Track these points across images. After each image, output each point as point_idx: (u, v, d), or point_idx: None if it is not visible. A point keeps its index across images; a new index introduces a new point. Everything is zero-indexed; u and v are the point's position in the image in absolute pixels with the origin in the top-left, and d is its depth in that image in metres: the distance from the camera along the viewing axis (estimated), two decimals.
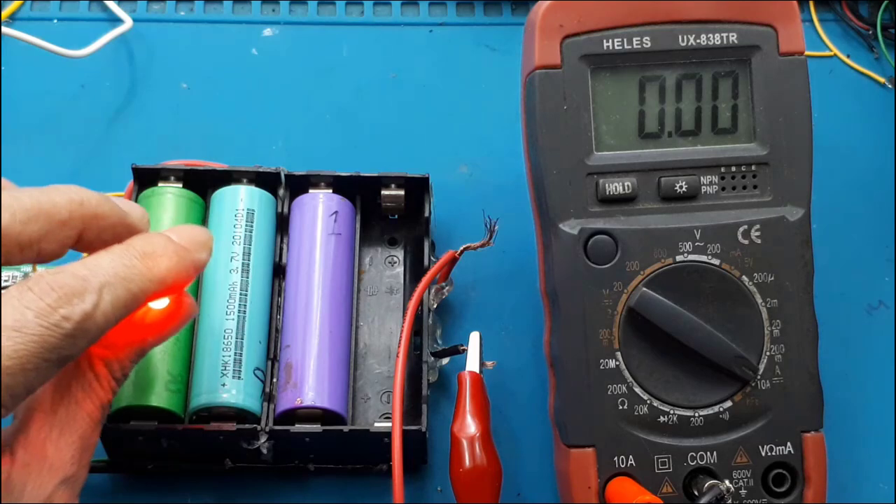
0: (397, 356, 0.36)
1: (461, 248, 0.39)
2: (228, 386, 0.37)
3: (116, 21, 0.48)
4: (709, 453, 0.35)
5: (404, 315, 0.37)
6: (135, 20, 0.48)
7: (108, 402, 0.31)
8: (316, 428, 0.37)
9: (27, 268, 0.40)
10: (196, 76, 0.48)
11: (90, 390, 0.30)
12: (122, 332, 0.31)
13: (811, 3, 0.50)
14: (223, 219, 0.39)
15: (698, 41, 0.36)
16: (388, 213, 0.43)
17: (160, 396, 0.36)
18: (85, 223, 0.30)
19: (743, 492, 0.35)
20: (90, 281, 0.28)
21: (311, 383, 0.37)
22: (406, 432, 0.35)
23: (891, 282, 0.44)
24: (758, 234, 0.36)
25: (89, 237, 0.30)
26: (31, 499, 0.28)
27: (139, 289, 0.29)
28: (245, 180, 0.41)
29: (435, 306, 0.41)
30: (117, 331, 0.30)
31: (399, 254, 0.43)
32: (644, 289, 0.35)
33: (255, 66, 0.48)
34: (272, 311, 0.39)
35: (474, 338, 0.38)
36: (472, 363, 0.37)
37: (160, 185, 0.40)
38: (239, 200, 0.40)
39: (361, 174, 0.41)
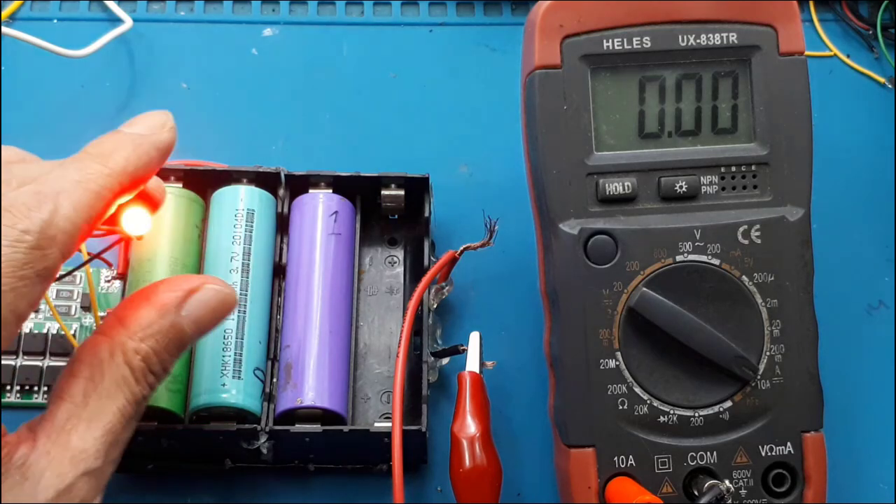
0: (397, 356, 0.36)
1: (461, 248, 0.39)
2: (228, 386, 0.37)
3: (116, 21, 0.48)
4: (709, 453, 0.35)
5: (404, 315, 0.37)
6: (135, 20, 0.48)
7: (143, 397, 0.30)
8: (316, 428, 0.37)
9: None
10: (196, 76, 0.48)
11: (123, 384, 0.29)
12: (154, 319, 0.30)
13: (811, 3, 0.50)
14: (223, 219, 0.39)
15: (698, 41, 0.36)
16: (388, 213, 0.43)
17: (160, 396, 0.36)
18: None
19: (743, 492, 0.35)
20: (43, 192, 0.28)
21: (311, 383, 0.37)
22: (406, 432, 0.35)
23: (891, 282, 0.44)
24: (758, 234, 0.36)
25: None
26: (48, 486, 0.27)
27: (99, 186, 0.29)
28: (245, 180, 0.41)
29: (435, 306, 0.41)
30: (150, 318, 0.30)
31: (399, 254, 0.43)
32: (644, 289, 0.35)
33: (255, 66, 0.48)
34: (272, 311, 0.39)
35: (474, 338, 0.38)
36: (472, 363, 0.37)
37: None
38: (239, 200, 0.40)
39: (361, 174, 0.41)
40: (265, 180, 0.41)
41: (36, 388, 0.40)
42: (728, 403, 0.35)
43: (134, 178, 0.30)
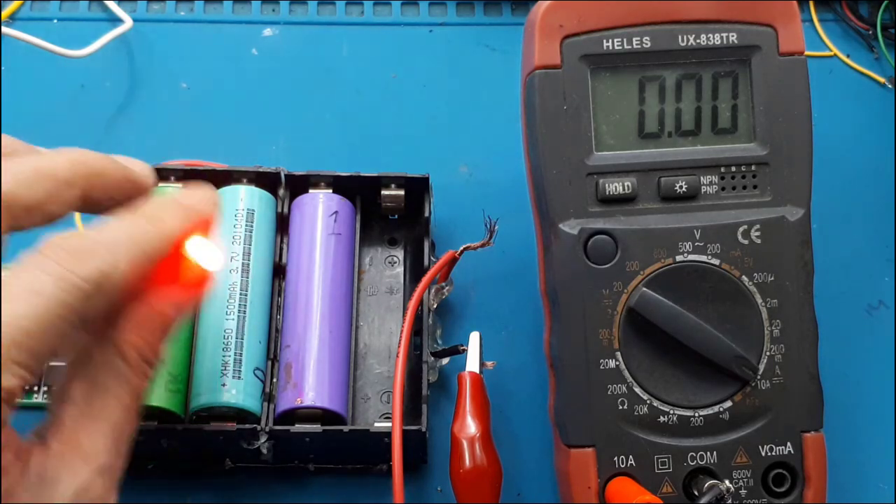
0: (397, 356, 0.36)
1: (461, 248, 0.39)
2: (228, 386, 0.37)
3: (116, 21, 0.48)
4: (709, 453, 0.35)
5: (404, 315, 0.37)
6: (135, 20, 0.48)
7: (141, 388, 0.31)
8: (316, 428, 0.37)
9: None
10: (196, 76, 0.48)
11: (120, 378, 0.30)
12: (136, 309, 0.31)
13: (811, 3, 0.50)
14: (223, 219, 0.39)
15: (698, 41, 0.36)
16: (388, 213, 0.43)
17: (160, 396, 0.36)
18: (89, 181, 0.30)
19: (743, 492, 0.35)
20: (101, 241, 0.29)
21: (311, 383, 0.37)
22: (406, 432, 0.35)
23: (891, 282, 0.44)
24: (758, 234, 0.36)
25: (96, 196, 0.31)
26: (66, 489, 0.28)
27: (150, 247, 0.30)
28: (245, 180, 0.41)
29: (435, 306, 0.41)
30: (136, 303, 0.30)
31: (399, 254, 0.43)
32: (644, 289, 0.35)
33: (255, 66, 0.48)
34: (272, 311, 0.39)
35: (474, 338, 0.38)
36: (472, 363, 0.37)
37: (160, 185, 0.40)
38: (239, 200, 0.40)
39: (361, 174, 0.41)
40: (265, 180, 0.41)
41: (36, 388, 0.40)
42: (728, 403, 0.35)
43: (179, 243, 0.31)
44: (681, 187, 0.36)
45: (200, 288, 0.33)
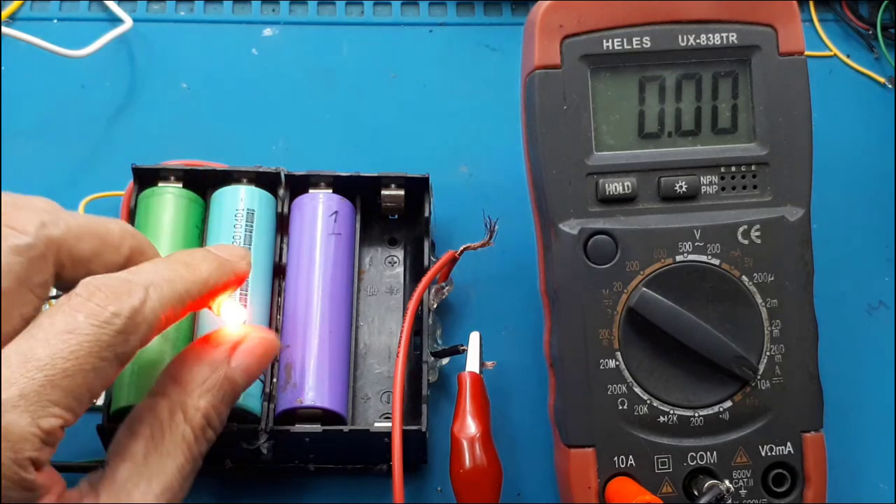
0: (397, 356, 0.36)
1: (461, 248, 0.39)
2: None
3: (116, 21, 0.48)
4: (709, 453, 0.35)
5: (404, 315, 0.37)
6: (135, 20, 0.48)
7: (200, 454, 0.31)
8: (316, 428, 0.37)
9: None
10: (196, 76, 0.48)
11: (183, 443, 0.30)
12: (208, 375, 0.32)
13: (811, 3, 0.50)
14: (223, 219, 0.39)
15: (698, 41, 0.36)
16: (388, 213, 0.43)
17: None
18: (133, 253, 0.31)
19: (743, 492, 0.35)
20: (135, 281, 0.29)
21: (311, 383, 0.37)
22: (406, 432, 0.35)
23: (891, 282, 0.44)
24: (758, 234, 0.36)
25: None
26: None
27: (183, 288, 0.30)
28: (245, 180, 0.41)
29: (435, 306, 0.41)
30: (204, 375, 0.31)
31: (399, 254, 0.43)
32: (644, 289, 0.35)
33: (255, 66, 0.48)
34: (272, 311, 0.39)
35: (474, 338, 0.38)
36: (472, 363, 0.37)
37: (160, 185, 0.40)
38: (239, 200, 0.40)
39: (361, 174, 0.41)
40: (265, 180, 0.41)
41: None
42: (728, 403, 0.35)
43: (211, 292, 0.32)
44: (681, 187, 0.36)
45: (270, 355, 0.34)
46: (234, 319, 0.34)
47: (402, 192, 0.42)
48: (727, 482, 0.35)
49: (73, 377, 0.27)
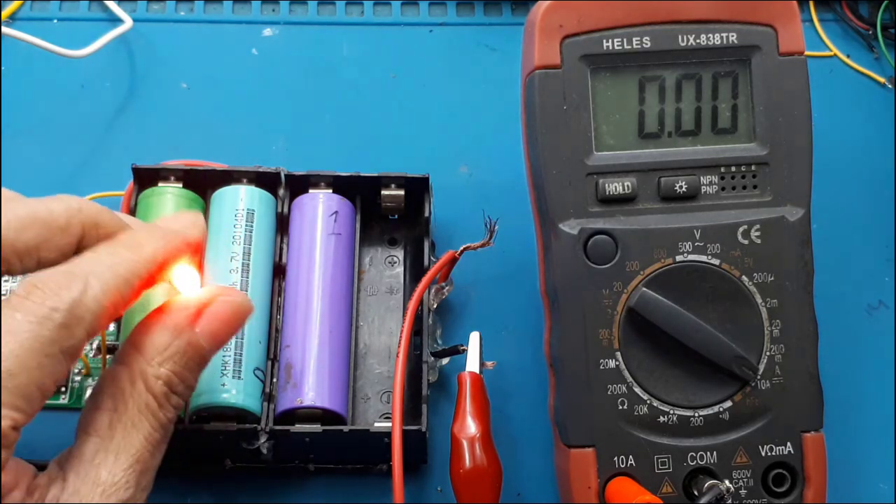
0: (397, 356, 0.36)
1: (461, 248, 0.39)
2: (228, 386, 0.37)
3: (116, 21, 0.48)
4: (709, 453, 0.35)
5: (404, 315, 0.37)
6: (135, 20, 0.48)
7: (168, 420, 0.30)
8: (316, 428, 0.37)
9: None
10: (196, 76, 0.48)
11: (147, 412, 0.30)
12: (170, 341, 0.31)
13: (811, 3, 0.50)
14: (223, 219, 0.39)
15: (698, 41, 0.36)
16: (388, 213, 0.43)
17: None
18: (84, 230, 0.30)
19: (743, 492, 0.35)
20: (74, 273, 0.28)
21: (311, 383, 0.37)
22: (406, 432, 0.35)
23: (891, 282, 0.44)
24: (758, 234, 0.36)
25: (90, 245, 0.30)
26: None
27: (128, 271, 0.29)
28: (245, 180, 0.41)
29: (435, 306, 0.41)
30: (165, 340, 0.30)
31: (399, 254, 0.43)
32: (644, 289, 0.35)
33: (255, 66, 0.48)
34: (272, 311, 0.39)
35: (474, 338, 0.38)
36: (472, 363, 0.37)
37: (160, 185, 0.40)
38: (239, 200, 0.40)
39: (361, 174, 0.41)
40: (265, 180, 0.41)
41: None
42: (728, 403, 0.35)
43: (160, 267, 0.31)
44: (681, 187, 0.36)
45: (241, 318, 0.32)
46: (188, 285, 0.32)
47: (402, 192, 0.42)
48: (727, 482, 0.35)
49: (18, 377, 0.26)
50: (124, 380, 0.30)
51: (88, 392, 0.40)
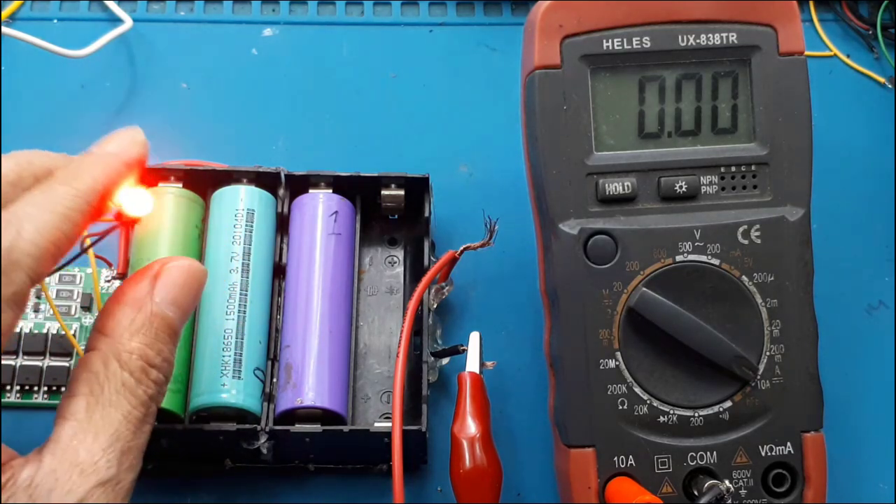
0: (397, 356, 0.36)
1: (461, 248, 0.39)
2: (228, 386, 0.37)
3: (116, 21, 0.48)
4: (709, 453, 0.35)
5: (404, 315, 0.37)
6: (135, 20, 0.48)
7: (149, 397, 0.30)
8: (316, 428, 0.37)
9: None
10: (196, 76, 0.48)
11: (124, 389, 0.29)
12: (133, 315, 0.30)
13: (811, 3, 0.50)
14: (223, 219, 0.39)
15: (698, 41, 0.36)
16: (388, 213, 0.43)
17: None
18: (39, 180, 0.30)
19: (743, 492, 0.35)
20: (7, 219, 0.28)
21: (311, 383, 0.37)
22: (406, 432, 0.35)
23: (891, 282, 0.44)
24: (758, 234, 0.36)
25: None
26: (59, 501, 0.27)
27: (65, 207, 0.29)
28: (245, 180, 0.41)
29: (435, 306, 0.41)
30: (129, 316, 0.30)
31: (399, 254, 0.43)
32: (644, 289, 0.35)
33: (255, 66, 0.48)
34: (272, 311, 0.39)
35: (474, 338, 0.38)
36: (472, 363, 0.37)
37: (160, 184, 0.40)
38: (239, 200, 0.40)
39: (361, 174, 0.41)
40: (265, 180, 0.41)
41: (36, 388, 0.40)
42: (728, 403, 0.35)
43: (104, 194, 0.30)
44: (681, 187, 0.36)
45: (196, 280, 0.32)
46: (138, 207, 0.32)
47: (402, 192, 0.42)
48: (727, 482, 0.35)
49: None
50: (97, 363, 0.29)
51: None
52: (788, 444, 0.35)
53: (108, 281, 0.42)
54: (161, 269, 0.31)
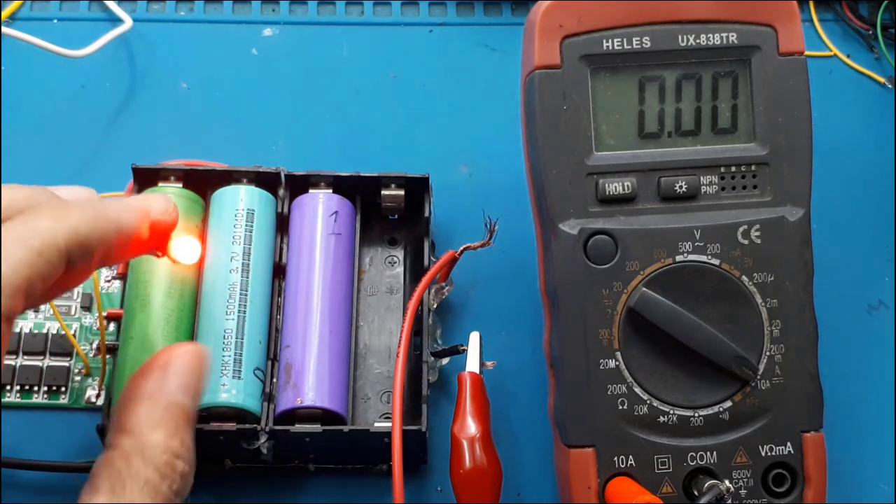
0: (397, 356, 0.36)
1: (461, 248, 0.39)
2: (228, 386, 0.37)
3: (116, 21, 0.48)
4: (709, 453, 0.35)
5: (404, 315, 0.37)
6: (135, 20, 0.47)
7: (174, 492, 0.29)
8: (316, 428, 0.37)
9: None
10: (196, 76, 0.48)
11: (147, 487, 0.28)
12: (150, 410, 0.30)
13: (811, 3, 0.50)
14: (223, 219, 0.39)
15: (698, 41, 0.36)
16: (388, 213, 0.43)
17: None
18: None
19: (743, 492, 0.35)
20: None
21: (311, 383, 0.37)
22: (406, 432, 0.35)
23: (891, 282, 0.44)
24: (758, 234, 0.36)
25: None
26: None
27: (42, 243, 0.27)
28: (245, 180, 0.41)
29: (435, 306, 0.41)
30: (146, 411, 0.29)
31: (399, 254, 0.43)
32: (644, 289, 0.35)
33: (255, 66, 0.48)
34: (272, 311, 0.39)
35: (474, 338, 0.38)
36: (472, 363, 0.37)
37: (160, 185, 0.40)
38: (239, 200, 0.40)
39: (361, 174, 0.41)
40: (265, 180, 0.41)
41: (36, 388, 0.40)
42: (728, 403, 0.35)
43: (86, 244, 0.29)
44: (681, 187, 0.36)
45: (202, 363, 0.31)
46: (185, 254, 0.34)
47: (402, 192, 0.42)
48: (727, 482, 0.35)
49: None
50: (119, 461, 0.28)
51: (88, 393, 0.40)
52: (788, 444, 0.35)
53: (108, 281, 0.42)
54: (168, 360, 0.31)
